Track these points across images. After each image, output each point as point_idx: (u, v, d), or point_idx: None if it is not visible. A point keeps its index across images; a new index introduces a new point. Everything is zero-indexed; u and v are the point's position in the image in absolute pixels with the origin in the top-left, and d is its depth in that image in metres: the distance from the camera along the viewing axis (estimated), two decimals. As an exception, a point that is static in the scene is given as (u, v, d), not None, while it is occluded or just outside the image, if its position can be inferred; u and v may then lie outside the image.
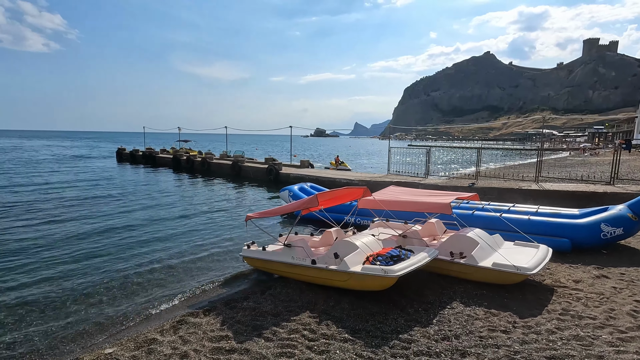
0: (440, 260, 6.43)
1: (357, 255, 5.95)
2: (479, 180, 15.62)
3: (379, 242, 6.67)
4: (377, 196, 7.41)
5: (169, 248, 9.41)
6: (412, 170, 18.30)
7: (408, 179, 16.35)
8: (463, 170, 22.84)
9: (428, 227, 7.79)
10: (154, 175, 27.01)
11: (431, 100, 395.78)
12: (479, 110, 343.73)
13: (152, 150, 37.56)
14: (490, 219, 8.31)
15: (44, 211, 13.55)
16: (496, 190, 13.55)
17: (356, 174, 20.65)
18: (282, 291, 6.27)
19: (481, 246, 6.35)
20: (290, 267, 6.62)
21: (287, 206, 7.14)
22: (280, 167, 22.25)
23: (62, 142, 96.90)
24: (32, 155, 45.94)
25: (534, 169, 17.47)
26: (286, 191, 13.10)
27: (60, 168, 31.19)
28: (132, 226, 11.56)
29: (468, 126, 62.57)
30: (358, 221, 10.33)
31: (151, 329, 5.23)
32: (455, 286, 6.18)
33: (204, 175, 26.56)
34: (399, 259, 5.78)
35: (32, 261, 8.30)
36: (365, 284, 5.64)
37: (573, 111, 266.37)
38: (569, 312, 5.06)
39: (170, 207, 14.92)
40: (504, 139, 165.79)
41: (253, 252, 7.25)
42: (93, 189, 19.55)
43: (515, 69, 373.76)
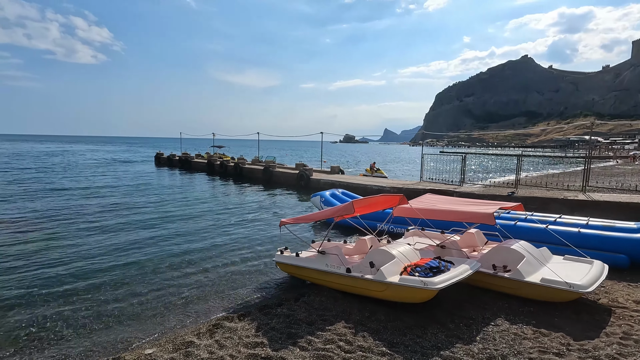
0: (481, 273, 6.10)
1: (394, 265, 5.76)
2: (518, 189, 14.85)
3: (416, 252, 6.43)
4: (414, 204, 7.18)
5: (204, 251, 9.61)
6: (446, 178, 17.73)
7: (442, 187, 15.84)
8: (500, 178, 21.86)
9: (468, 238, 7.44)
10: (190, 179, 27.95)
11: (464, 106, 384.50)
12: (516, 116, 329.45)
13: (187, 155, 38.99)
14: (535, 231, 7.82)
15: (87, 215, 14.32)
16: (538, 200, 12.80)
17: (388, 180, 20.30)
18: (316, 299, 6.18)
19: (527, 260, 5.96)
20: (324, 274, 6.53)
21: (323, 212, 7.07)
22: (311, 172, 22.30)
23: (105, 147, 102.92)
24: (80, 159, 49.09)
25: (578, 178, 16.40)
26: (317, 197, 13.07)
27: (103, 172, 33.04)
28: (168, 230, 11.94)
29: (504, 132, 60.16)
30: (392, 229, 10.08)
31: (188, 331, 5.31)
32: (498, 301, 5.83)
33: (237, 180, 27.16)
34: (439, 270, 5.53)
35: (76, 263, 8.75)
36: (402, 295, 5.44)
37: (620, 116, 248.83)
38: (632, 337, 4.60)
39: (205, 211, 15.32)
40: (543, 145, 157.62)
41: (286, 258, 7.23)
42: (133, 193, 20.49)
43: (556, 72, 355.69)
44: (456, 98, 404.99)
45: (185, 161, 36.93)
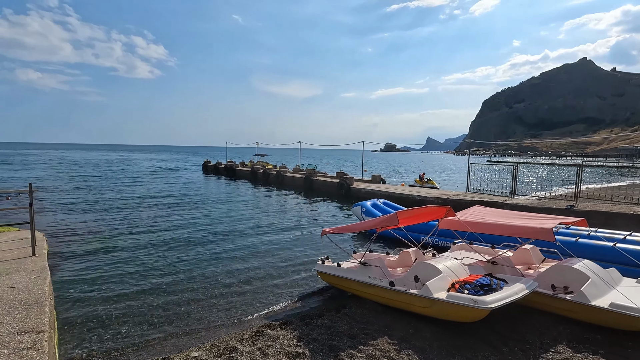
0: (539, 293, 5.62)
1: (441, 281, 5.49)
2: (579, 202, 13.66)
3: (464, 267, 6.09)
4: (462, 216, 6.83)
5: (246, 257, 9.84)
6: (494, 189, 16.77)
7: (491, 198, 15.00)
8: (556, 190, 20.25)
9: (522, 254, 6.92)
10: (234, 187, 28.98)
11: (514, 113, 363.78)
12: (573, 123, 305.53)
13: (232, 163, 40.58)
14: (601, 249, 7.10)
15: (140, 220, 15.30)
16: (603, 214, 11.69)
17: (432, 191, 19.62)
18: (357, 311, 6.05)
19: (593, 281, 5.41)
20: (366, 286, 6.38)
21: (365, 223, 6.96)
22: (352, 182, 22.18)
23: (159, 155, 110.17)
24: (136, 167, 52.95)
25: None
26: (359, 207, 12.92)
27: (156, 179, 35.29)
28: (213, 237, 12.39)
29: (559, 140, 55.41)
30: (436, 242, 9.68)
31: (232, 336, 5.41)
32: (558, 326, 5.33)
33: (278, 188, 27.73)
34: (490, 288, 5.18)
35: (130, 265, 9.34)
36: (450, 313, 5.15)
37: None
38: None
39: (248, 218, 15.74)
40: (606, 155, 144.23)
41: (328, 268, 7.18)
42: (183, 200, 21.62)
43: (620, 75, 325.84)
44: (505, 104, 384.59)
45: (230, 169, 38.44)
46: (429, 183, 25.22)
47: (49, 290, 5.79)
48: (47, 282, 5.92)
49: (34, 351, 3.85)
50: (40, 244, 8.12)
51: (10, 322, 4.48)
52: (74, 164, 56.67)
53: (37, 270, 6.50)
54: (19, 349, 3.87)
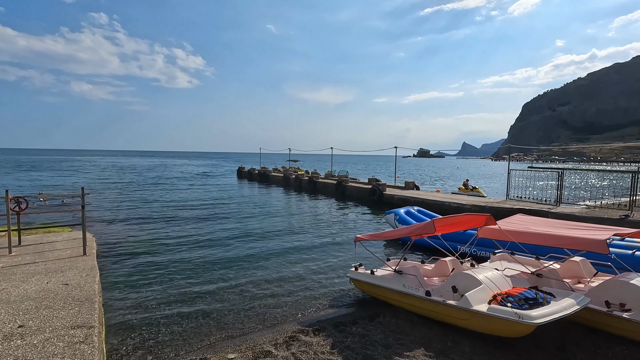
0: (591, 310, 5.22)
1: (481, 292, 5.24)
2: (634, 211, 12.60)
3: (507, 279, 5.78)
4: (503, 225, 6.51)
5: (281, 262, 9.95)
6: (537, 196, 15.87)
7: (534, 206, 14.19)
8: (607, 198, 18.80)
9: (570, 267, 6.47)
10: (267, 192, 29.53)
11: (558, 116, 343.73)
12: (625, 126, 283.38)
13: (265, 169, 41.44)
14: (662, 264, 6.48)
15: (180, 224, 15.94)
16: (663, 226, 10.69)
17: (469, 198, 18.89)
18: (392, 321, 5.91)
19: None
20: (401, 295, 6.23)
21: (400, 230, 6.81)
22: (384, 187, 21.87)
23: (196, 161, 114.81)
24: (175, 172, 55.48)
25: None
26: (392, 214, 12.69)
27: (194, 184, 36.74)
28: (249, 241, 12.66)
29: (609, 145, 52.21)
30: (475, 252, 9.29)
31: (266, 340, 5.47)
32: (615, 346, 4.92)
33: (311, 193, 27.90)
34: (536, 302, 4.87)
35: (170, 269, 9.73)
36: (491, 327, 4.90)
37: None
38: None
39: (281, 222, 15.95)
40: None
41: (361, 275, 7.09)
42: (219, 205, 22.31)
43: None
44: (548, 108, 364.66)
45: (263, 175, 39.25)
46: (475, 191, 23.13)
47: (98, 288, 6.16)
48: (96, 281, 6.30)
49: (86, 345, 4.10)
50: (90, 244, 8.68)
51: (65, 317, 4.81)
52: (120, 169, 60.36)
53: (87, 268, 6.94)
54: (72, 342, 4.14)
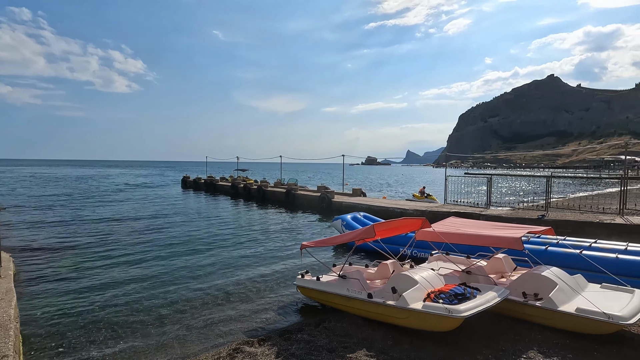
0: (511, 301, 5.81)
1: (417, 291, 5.60)
2: (549, 212, 14.23)
3: (440, 277, 6.24)
4: (437, 228, 7.02)
5: (225, 273, 9.70)
6: (471, 200, 17.26)
7: (467, 210, 15.42)
8: (530, 200, 21.01)
9: (495, 263, 7.15)
10: (214, 201, 28.59)
11: (489, 127, 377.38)
12: (544, 136, 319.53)
13: (212, 178, 40.10)
14: (568, 257, 7.42)
15: (114, 238, 14.85)
16: (571, 223, 12.22)
17: (411, 203, 19.97)
18: (337, 325, 6.06)
19: (560, 287, 5.64)
20: (345, 299, 6.42)
21: (343, 236, 7.04)
22: (333, 195, 22.32)
23: (135, 171, 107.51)
24: (111, 183, 51.46)
25: (615, 200, 15.54)
26: (339, 220, 13.01)
27: (131, 195, 34.40)
28: (191, 252, 12.17)
29: (531, 153, 58.46)
30: (415, 253, 9.85)
31: (209, 355, 5.31)
32: (531, 332, 5.51)
33: (260, 202, 27.54)
34: (464, 297, 5.32)
35: (100, 286, 9.03)
36: (426, 323, 5.25)
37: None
38: (682, 375, 4.21)
39: (227, 233, 15.55)
40: (575, 166, 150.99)
41: (307, 282, 7.18)
42: (159, 216, 21.14)
43: (585, 91, 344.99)
44: (480, 119, 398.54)
45: (210, 184, 37.94)
46: (429, 198, 24.41)
47: (15, 313, 5.54)
48: (12, 305, 5.67)
49: (-3, 378, 3.68)
50: (6, 265, 7.77)
51: (-28, 348, 4.27)
52: (46, 180, 54.53)
53: (2, 292, 6.21)
54: (-20, 376, 3.69)
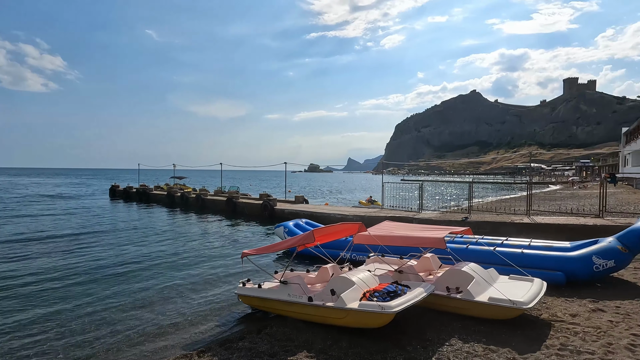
0: (437, 295, 6.42)
1: (354, 292, 5.94)
2: (472, 214, 15.80)
3: (375, 277, 6.67)
4: (372, 231, 7.50)
5: (162, 286, 9.24)
6: (406, 205, 18.49)
7: (402, 214, 16.48)
8: (456, 204, 23.10)
9: (423, 262, 7.82)
10: (147, 212, 26.82)
11: (422, 136, 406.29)
12: (469, 145, 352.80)
13: (145, 186, 37.53)
14: (484, 253, 8.39)
15: (29, 259, 13.31)
16: (489, 224, 13.70)
17: (350, 209, 20.76)
18: (279, 330, 6.16)
19: (477, 280, 6.39)
20: (286, 304, 6.55)
21: (284, 242, 7.18)
22: (275, 202, 22.32)
23: (52, 180, 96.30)
24: (21, 194, 45.47)
25: (524, 203, 17.78)
26: (281, 227, 13.10)
27: (48, 208, 30.88)
28: (122, 266, 11.37)
29: (459, 161, 64.83)
30: (354, 257, 10.31)
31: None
32: (453, 322, 6.14)
33: (198, 212, 26.45)
34: (396, 294, 5.78)
35: (18, 302, 8.08)
36: (362, 321, 5.59)
37: (559, 146, 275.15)
38: (568, 347, 5.04)
39: (163, 244, 14.76)
40: (494, 172, 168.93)
41: (248, 290, 7.18)
42: (82, 232, 19.31)
43: (501, 106, 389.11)
44: (414, 129, 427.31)
45: (143, 193, 35.49)
46: (375, 204, 25.77)
47: None
48: None
49: None
50: None
51: None
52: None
53: None
54: None
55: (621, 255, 7.61)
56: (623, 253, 7.60)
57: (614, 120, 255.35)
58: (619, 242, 7.74)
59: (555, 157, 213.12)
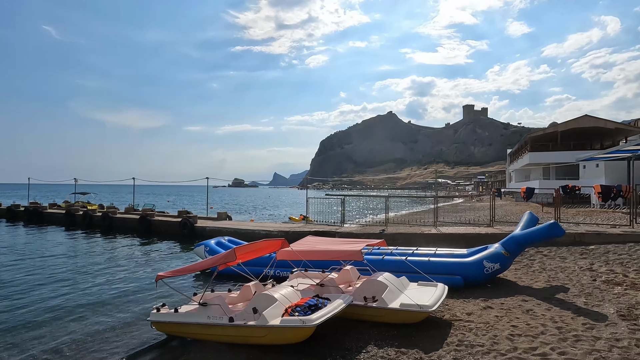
0: (355, 305, 6.78)
1: (276, 308, 5.97)
2: (388, 226, 17.01)
3: (298, 292, 6.79)
4: (295, 247, 7.65)
5: (63, 319, 8.07)
6: (329, 219, 19.12)
7: (326, 228, 17.01)
8: (375, 217, 24.62)
9: (343, 275, 8.20)
10: (40, 234, 23.20)
11: (345, 153, 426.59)
12: (388, 162, 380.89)
13: (37, 204, 32.42)
14: (397, 263, 9.12)
15: None
16: (403, 235, 14.90)
17: (275, 224, 20.73)
18: (197, 356, 5.87)
19: (390, 289, 6.92)
20: (206, 327, 6.27)
21: (202, 262, 6.91)
22: (195, 220, 21.19)
23: None
24: None
25: (432, 215, 19.79)
26: (202, 246, 12.50)
27: None
28: (6, 302, 9.66)
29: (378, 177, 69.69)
30: (277, 273, 10.31)
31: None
32: (370, 330, 6.53)
33: (106, 233, 23.70)
34: (317, 307, 5.97)
35: None
36: (284, 336, 5.63)
37: (461, 164, 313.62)
38: (464, 343, 5.74)
39: (63, 273, 12.90)
40: (409, 187, 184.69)
41: (163, 316, 6.70)
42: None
43: (414, 127, 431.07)
44: (338, 145, 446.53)
45: (33, 212, 30.56)
46: (307, 220, 25.90)
47: None
48: None
49: None
50: None
51: None
52: None
53: None
54: None
55: (505, 259, 8.96)
56: (506, 257, 8.96)
57: (502, 142, 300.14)
58: (503, 247, 9.12)
59: (459, 174, 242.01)
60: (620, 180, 25.75)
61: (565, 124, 41.53)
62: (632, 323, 6.04)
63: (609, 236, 12.40)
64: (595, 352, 5.11)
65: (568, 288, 8.29)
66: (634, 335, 5.55)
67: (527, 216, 9.91)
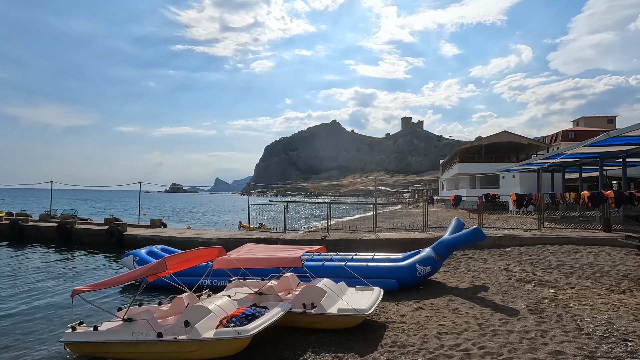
0: (294, 313, 6.72)
1: (210, 320, 5.68)
2: (330, 232, 17.26)
3: (234, 302, 6.55)
4: (233, 255, 7.39)
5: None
6: (272, 226, 18.86)
7: (268, 235, 16.75)
8: (318, 224, 24.87)
9: (283, 282, 8.10)
10: None
11: (290, 159, 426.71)
12: (332, 169, 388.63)
13: None
14: (336, 269, 9.26)
15: None
16: (344, 241, 15.22)
17: (214, 232, 19.90)
18: (119, 378, 5.34)
19: (329, 295, 6.98)
20: (131, 345, 5.74)
21: (129, 274, 6.35)
22: (125, 228, 19.50)
23: None
24: None
25: (372, 221, 20.51)
26: (130, 256, 11.52)
27: None
28: None
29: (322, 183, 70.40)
30: (215, 283, 9.87)
31: None
32: (308, 337, 6.51)
33: (15, 244, 20.74)
34: (254, 317, 5.80)
35: None
36: (218, 349, 5.37)
37: (399, 172, 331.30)
38: (397, 344, 5.98)
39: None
40: (352, 194, 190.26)
41: (80, 335, 6.01)
42: None
43: (357, 136, 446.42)
44: (283, 152, 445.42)
45: None
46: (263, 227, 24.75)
47: None
48: None
49: None
50: None
51: None
52: None
53: None
54: None
55: (435, 262, 9.57)
56: (436, 260, 9.58)
57: (436, 153, 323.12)
58: (433, 251, 9.74)
59: (397, 182, 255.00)
60: (532, 189, 29.26)
61: (488, 138, 46.52)
62: (539, 316, 6.80)
63: (522, 239, 13.92)
64: (509, 344, 5.64)
65: (488, 287, 9.10)
66: (539, 327, 6.25)
67: (454, 222, 10.71)
